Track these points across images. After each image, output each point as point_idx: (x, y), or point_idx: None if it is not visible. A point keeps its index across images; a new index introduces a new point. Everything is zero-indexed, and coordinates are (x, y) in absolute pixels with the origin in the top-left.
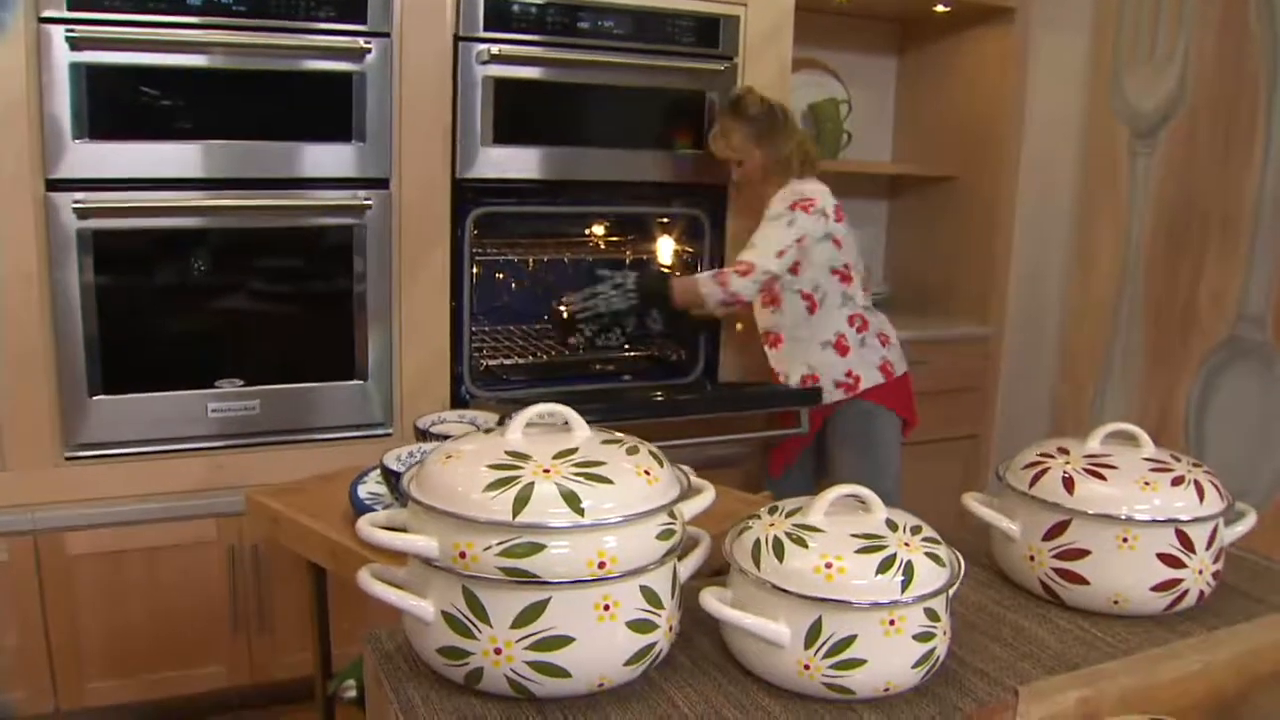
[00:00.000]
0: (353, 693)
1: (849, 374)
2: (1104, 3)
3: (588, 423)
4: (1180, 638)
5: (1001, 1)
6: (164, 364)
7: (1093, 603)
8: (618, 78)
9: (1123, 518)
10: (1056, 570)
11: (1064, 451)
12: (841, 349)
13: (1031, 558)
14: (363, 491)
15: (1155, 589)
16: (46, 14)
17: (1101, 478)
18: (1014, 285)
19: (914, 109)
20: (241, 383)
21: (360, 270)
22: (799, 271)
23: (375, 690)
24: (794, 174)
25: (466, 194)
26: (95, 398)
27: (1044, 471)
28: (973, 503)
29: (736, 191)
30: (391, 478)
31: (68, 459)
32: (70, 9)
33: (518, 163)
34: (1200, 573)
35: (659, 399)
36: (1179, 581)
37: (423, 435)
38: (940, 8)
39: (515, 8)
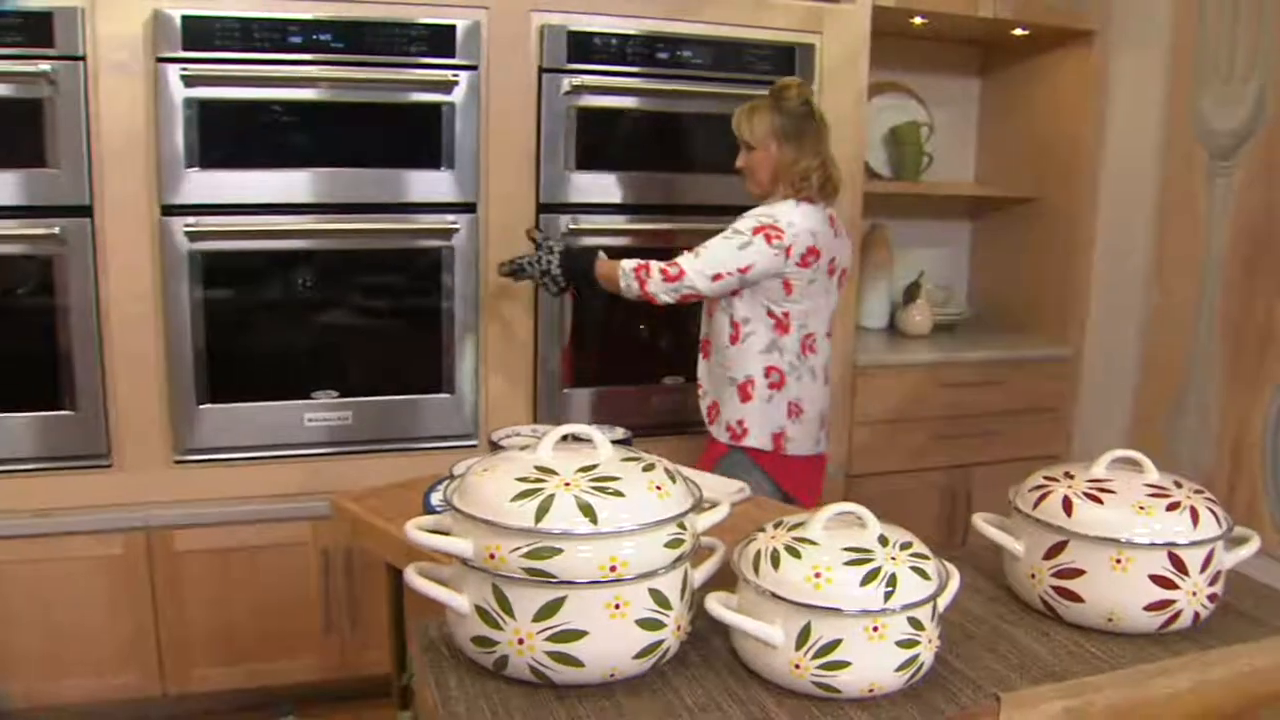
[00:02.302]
0: None
1: (740, 422)
2: (1182, 24)
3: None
4: (1173, 656)
5: (1081, 24)
6: (265, 376)
7: (1088, 619)
8: (696, 106)
9: (1117, 540)
10: (1055, 588)
11: (1069, 476)
12: (745, 394)
13: (1033, 575)
14: (434, 498)
15: (1148, 608)
16: (163, 54)
17: (1099, 501)
18: (1094, 306)
19: (996, 130)
20: (336, 394)
21: (449, 289)
22: (740, 294)
23: (420, 675)
24: (804, 194)
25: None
26: (203, 406)
27: (1047, 494)
28: (981, 523)
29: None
30: None
31: (177, 462)
32: (185, 49)
33: (599, 188)
34: (1194, 594)
35: None
36: (1171, 602)
37: (495, 447)
38: (1019, 31)
39: (596, 40)
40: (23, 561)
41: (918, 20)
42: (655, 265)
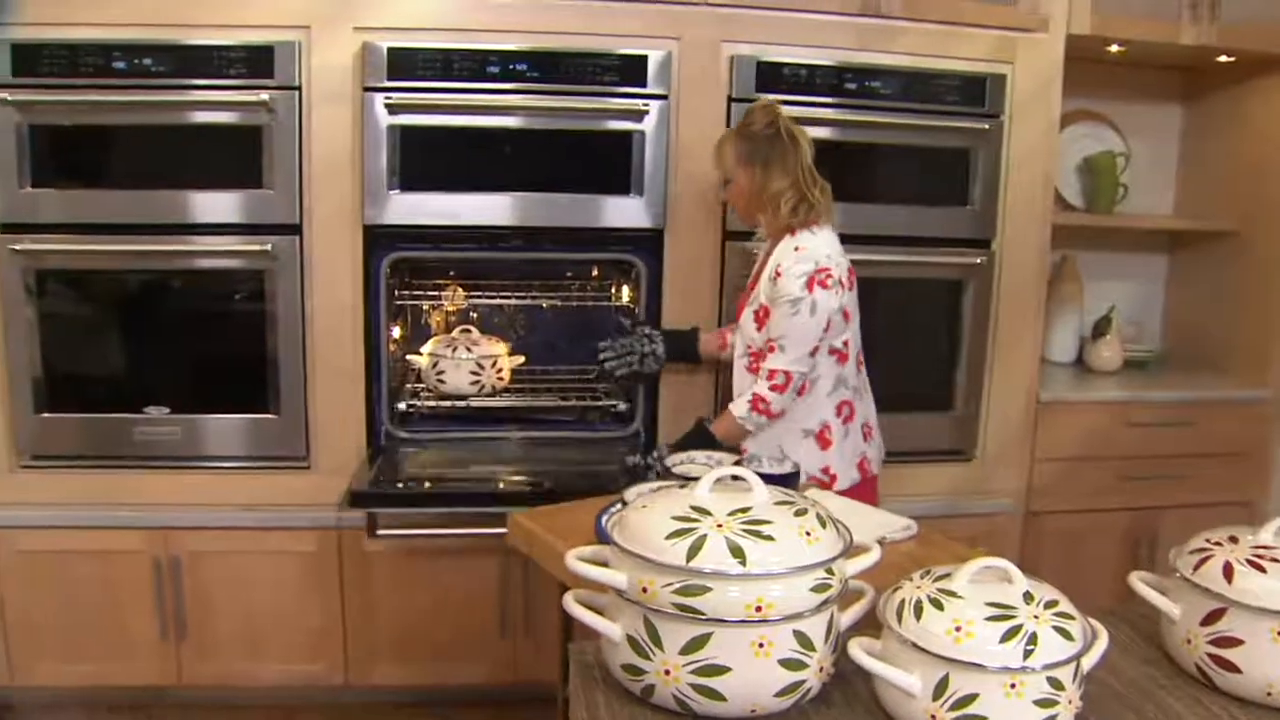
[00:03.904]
0: None
1: (826, 470)
2: None
3: None
4: None
5: None
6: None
7: (1246, 692)
8: (885, 136)
9: None
10: (1211, 656)
11: (1234, 540)
12: (824, 441)
13: (1189, 641)
14: (607, 521)
15: None
16: (370, 83)
17: (1262, 570)
18: None
19: (1198, 161)
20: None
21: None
22: None
23: (574, 694)
24: (784, 216)
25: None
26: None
27: (1208, 558)
28: (1138, 583)
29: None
30: None
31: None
32: (390, 79)
33: None
34: None
35: None
36: None
37: (667, 473)
38: (1223, 58)
39: (786, 71)
40: (226, 552)
41: (1114, 48)
42: (762, 391)
